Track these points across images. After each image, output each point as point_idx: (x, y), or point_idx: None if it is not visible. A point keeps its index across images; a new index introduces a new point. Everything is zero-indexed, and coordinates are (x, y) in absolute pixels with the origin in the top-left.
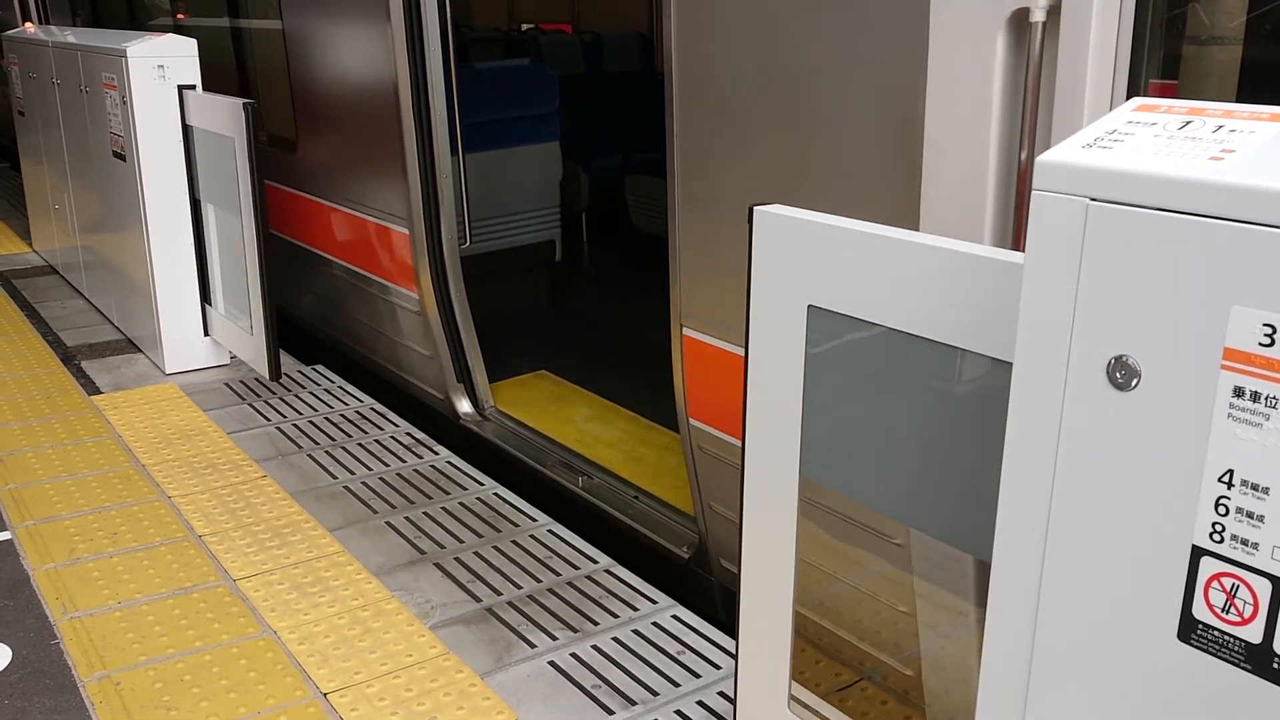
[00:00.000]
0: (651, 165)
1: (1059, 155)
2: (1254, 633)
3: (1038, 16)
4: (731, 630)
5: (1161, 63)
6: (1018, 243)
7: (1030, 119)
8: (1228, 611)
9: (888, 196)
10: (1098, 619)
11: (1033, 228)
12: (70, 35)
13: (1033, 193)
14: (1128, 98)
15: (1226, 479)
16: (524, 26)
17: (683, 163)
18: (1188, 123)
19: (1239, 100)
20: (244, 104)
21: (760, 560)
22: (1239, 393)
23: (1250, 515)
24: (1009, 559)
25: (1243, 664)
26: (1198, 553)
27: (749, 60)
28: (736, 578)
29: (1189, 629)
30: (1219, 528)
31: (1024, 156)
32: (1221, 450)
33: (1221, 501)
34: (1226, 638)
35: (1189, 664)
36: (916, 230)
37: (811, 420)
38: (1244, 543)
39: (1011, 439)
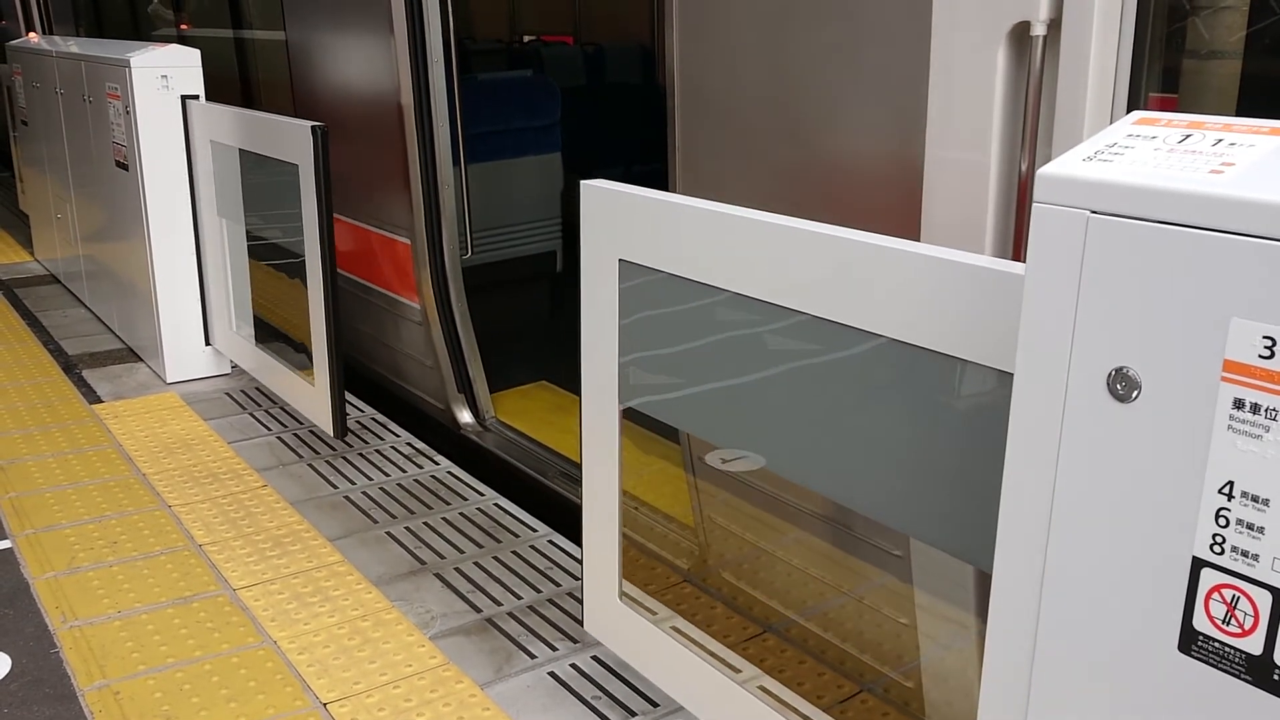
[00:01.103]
0: (653, 177)
1: (1059, 168)
2: (1254, 644)
3: (1038, 30)
4: None
5: (1161, 76)
6: (1018, 253)
7: (1031, 132)
8: (1228, 623)
9: (889, 208)
10: (1098, 631)
11: (1033, 240)
12: (74, 45)
13: (1033, 205)
14: (1128, 111)
15: (1227, 491)
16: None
17: (684, 174)
18: (1187, 136)
19: (1239, 114)
20: (313, 128)
21: (594, 480)
22: (1239, 404)
23: (1250, 527)
24: (1009, 571)
25: (1243, 676)
26: (1198, 564)
27: (750, 72)
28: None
29: (1189, 641)
30: (1219, 539)
31: (1024, 169)
32: (1222, 462)
33: (1222, 513)
34: (1227, 649)
35: (1189, 675)
36: (919, 241)
37: (628, 355)
38: (1244, 554)
39: (1012, 450)
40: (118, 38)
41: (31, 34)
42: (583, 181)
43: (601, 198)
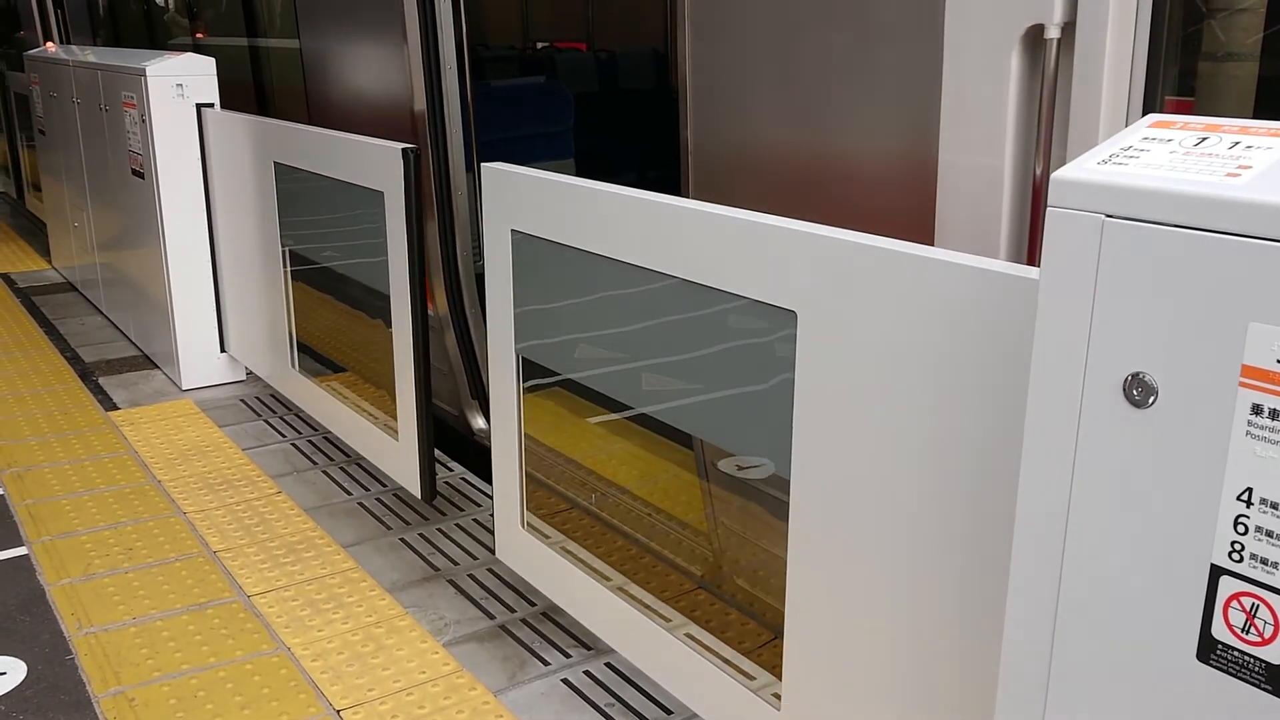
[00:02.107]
0: (667, 182)
1: (1074, 172)
2: (1274, 653)
3: (1052, 33)
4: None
5: (1177, 79)
6: (1032, 257)
7: (1045, 135)
8: (1248, 631)
9: (902, 211)
10: (1115, 639)
11: (1048, 244)
12: (91, 55)
13: (1048, 209)
14: (1143, 114)
15: (1245, 497)
16: (539, 45)
17: (696, 177)
18: (1203, 139)
19: (1256, 117)
20: (404, 150)
21: (500, 422)
22: (1257, 410)
23: (1270, 534)
24: (1026, 577)
25: (1263, 685)
26: (1217, 572)
27: (763, 75)
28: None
29: (1208, 649)
30: (1238, 546)
31: (1039, 172)
32: (1240, 468)
33: (1240, 520)
34: (1246, 658)
35: (1208, 685)
36: (932, 245)
37: (523, 311)
38: (1263, 562)
39: (1027, 456)
40: (135, 47)
41: (49, 44)
42: (483, 165)
43: (499, 177)
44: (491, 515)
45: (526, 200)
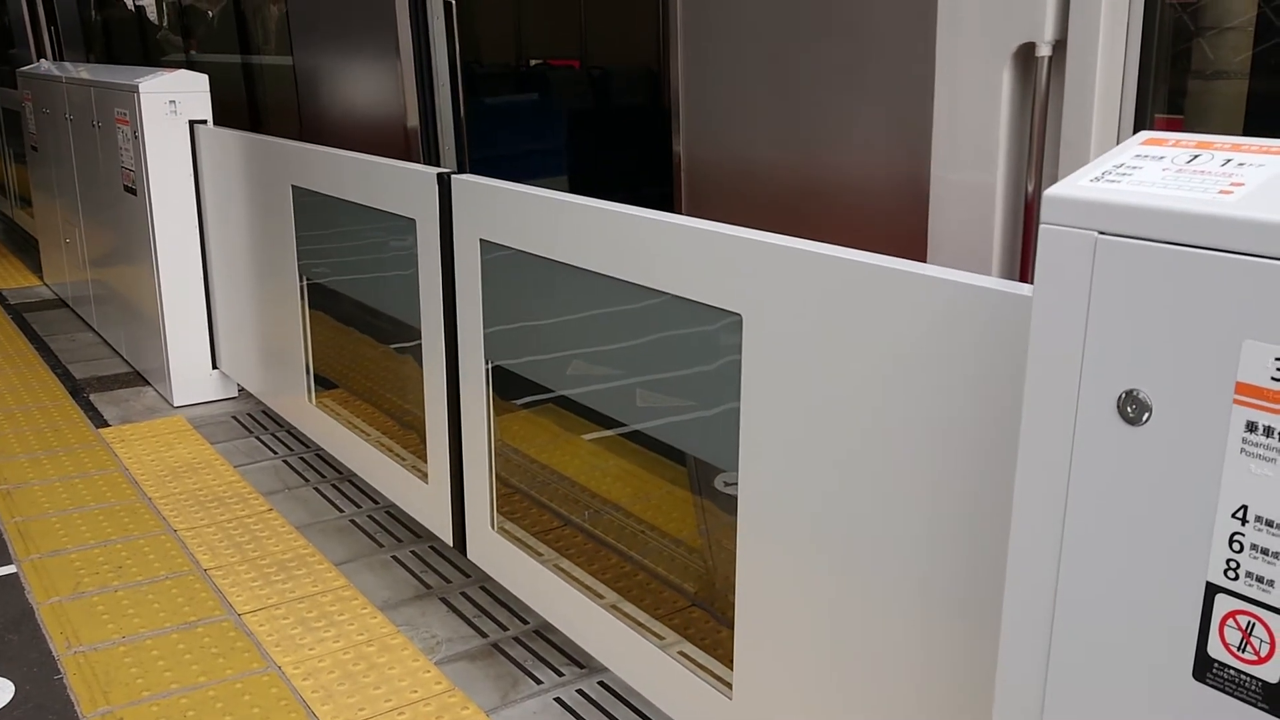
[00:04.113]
0: (662, 199)
1: (1067, 189)
2: (1271, 672)
3: (1044, 51)
4: None
5: (1167, 97)
6: (1024, 274)
7: (1037, 152)
8: (1244, 650)
9: (895, 228)
10: (1111, 658)
11: (1041, 261)
12: (84, 71)
13: (1041, 226)
14: (1134, 131)
15: (1240, 515)
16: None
17: (689, 194)
18: (1196, 156)
19: (1246, 134)
20: (439, 175)
21: (471, 429)
22: (1252, 427)
23: (1265, 552)
24: (1021, 593)
25: (1260, 704)
26: (1212, 590)
27: (756, 92)
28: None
29: (1204, 668)
30: (1233, 565)
31: (1031, 189)
32: (1235, 486)
33: (1236, 538)
34: (1243, 677)
35: (1205, 704)
36: (925, 262)
37: (492, 318)
38: (1259, 580)
39: (1021, 474)
40: (128, 64)
41: (42, 61)
42: (452, 176)
43: (467, 189)
44: None
45: (493, 210)
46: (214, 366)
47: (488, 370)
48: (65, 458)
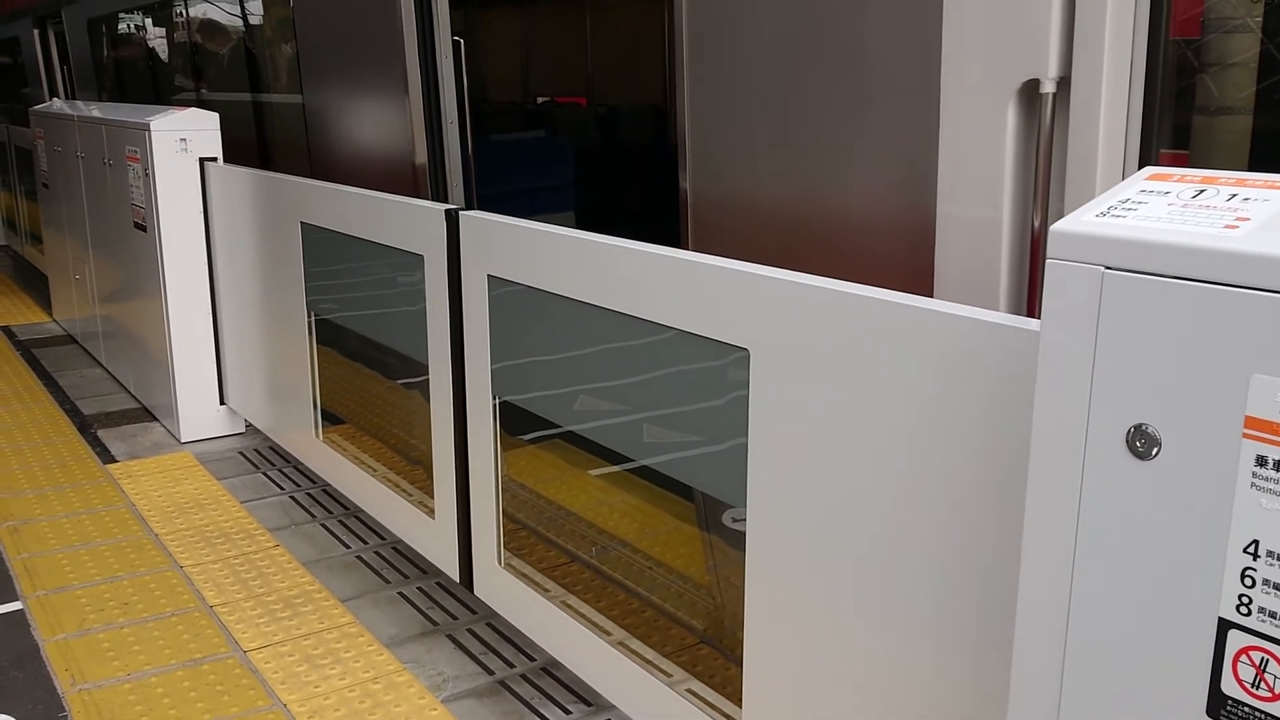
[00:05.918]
0: (666, 234)
1: (1074, 224)
2: None
3: (1048, 88)
4: None
5: (1172, 132)
6: (1031, 309)
7: (1042, 188)
8: (1258, 687)
9: (901, 264)
10: (1124, 694)
11: (1048, 295)
12: (95, 109)
13: (1048, 261)
14: (1139, 167)
15: (1252, 550)
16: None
17: (696, 230)
18: (1201, 191)
19: (1250, 169)
20: (447, 211)
21: (478, 464)
22: (1261, 461)
23: (1277, 587)
24: (1032, 631)
25: None
26: (1225, 625)
27: (762, 129)
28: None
29: (1218, 705)
30: (1245, 600)
31: (1037, 225)
32: (1245, 520)
33: (1247, 573)
34: (1257, 714)
35: None
36: (931, 297)
37: (499, 353)
38: (1272, 615)
39: (1031, 509)
40: (140, 102)
41: (55, 99)
42: (448, 209)
43: (474, 225)
44: None
45: (501, 246)
46: (222, 402)
47: (495, 406)
48: (72, 493)
